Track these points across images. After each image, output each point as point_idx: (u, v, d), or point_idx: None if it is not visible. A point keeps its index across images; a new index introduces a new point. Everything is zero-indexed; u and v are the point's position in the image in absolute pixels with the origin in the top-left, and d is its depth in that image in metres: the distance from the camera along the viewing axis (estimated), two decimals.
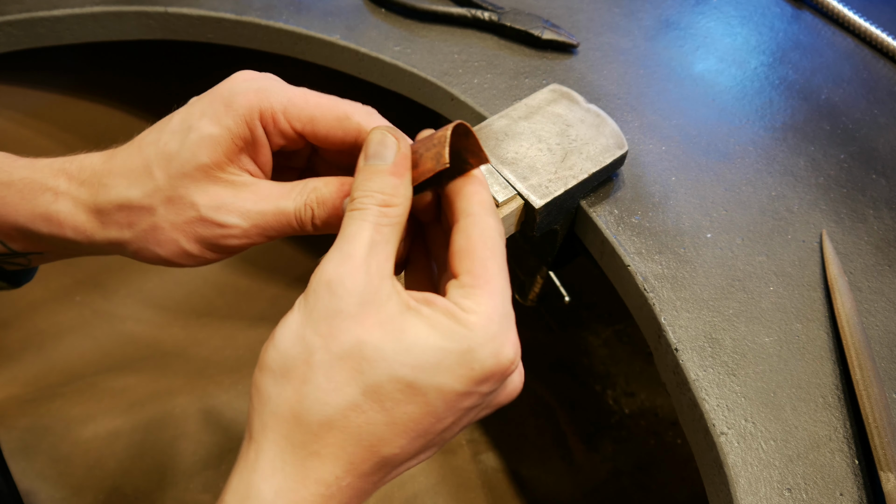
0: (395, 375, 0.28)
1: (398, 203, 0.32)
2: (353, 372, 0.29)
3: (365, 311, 0.29)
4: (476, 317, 0.30)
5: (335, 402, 0.28)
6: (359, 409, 0.28)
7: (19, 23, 0.63)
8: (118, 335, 0.83)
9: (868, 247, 0.53)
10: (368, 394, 0.28)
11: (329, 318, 0.29)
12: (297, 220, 0.35)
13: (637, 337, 0.93)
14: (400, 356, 0.29)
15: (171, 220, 0.34)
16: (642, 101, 0.60)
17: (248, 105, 0.34)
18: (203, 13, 0.63)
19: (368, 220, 0.31)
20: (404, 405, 0.29)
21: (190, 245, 0.35)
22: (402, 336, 0.29)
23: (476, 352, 0.29)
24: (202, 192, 0.34)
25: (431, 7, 0.63)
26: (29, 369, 0.80)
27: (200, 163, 0.34)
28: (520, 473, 0.81)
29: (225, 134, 0.34)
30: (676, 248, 0.51)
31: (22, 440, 0.76)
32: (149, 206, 0.34)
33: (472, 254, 0.32)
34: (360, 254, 0.30)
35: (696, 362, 0.45)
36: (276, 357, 0.30)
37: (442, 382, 0.29)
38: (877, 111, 0.63)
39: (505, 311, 0.31)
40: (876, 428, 0.42)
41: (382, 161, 0.32)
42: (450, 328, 0.29)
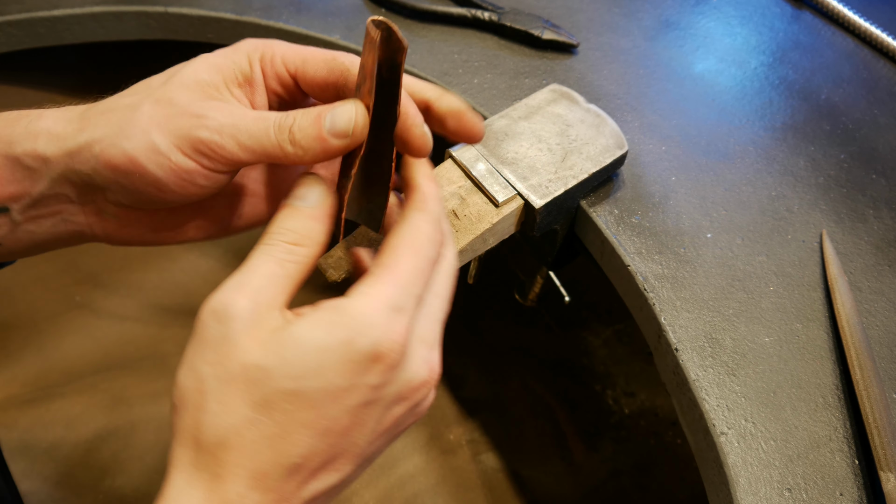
0: (280, 388, 0.29)
1: (307, 245, 0.33)
2: (241, 392, 0.29)
3: (249, 335, 0.30)
4: (360, 303, 0.30)
5: (228, 422, 0.29)
6: (250, 423, 0.29)
7: (19, 23, 0.63)
8: (118, 335, 0.83)
9: (868, 247, 0.53)
10: (258, 409, 0.29)
11: (215, 346, 0.30)
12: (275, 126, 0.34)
13: (637, 337, 0.93)
14: (283, 370, 0.29)
15: (151, 114, 0.33)
16: (642, 101, 0.60)
17: (252, 47, 0.36)
18: (203, 13, 0.63)
19: (273, 256, 0.32)
20: (295, 413, 0.29)
21: (160, 138, 0.33)
22: (283, 350, 0.29)
23: (353, 340, 0.29)
24: (191, 98, 0.34)
25: (431, 7, 0.63)
26: (29, 369, 0.80)
27: (199, 78, 0.35)
28: (520, 473, 0.81)
29: (228, 63, 0.36)
30: (676, 248, 0.51)
31: (22, 440, 0.76)
32: (134, 104, 0.34)
33: (392, 249, 0.33)
34: (252, 284, 0.31)
35: (696, 362, 0.45)
36: (175, 392, 0.31)
37: (325, 383, 0.29)
38: (877, 111, 0.63)
39: (398, 304, 0.31)
40: (876, 428, 0.42)
41: (303, 202, 0.33)
42: (329, 323, 0.30)
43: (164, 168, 0.33)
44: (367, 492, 0.78)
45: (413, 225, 0.33)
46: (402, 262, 0.32)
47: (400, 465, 0.80)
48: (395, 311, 0.31)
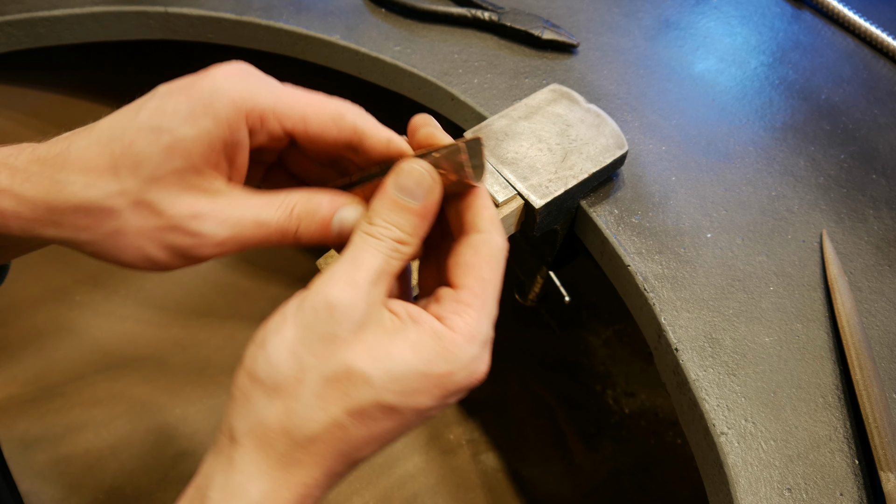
0: (379, 401, 0.30)
1: (413, 243, 0.33)
2: (341, 394, 0.30)
3: (357, 337, 0.30)
4: (462, 338, 0.32)
5: (321, 420, 0.30)
6: (342, 427, 0.30)
7: (19, 23, 0.63)
8: (118, 335, 0.83)
9: (868, 247, 0.53)
10: (353, 414, 0.30)
11: (325, 341, 0.30)
12: (279, 232, 0.34)
13: (637, 337, 0.93)
14: (385, 384, 0.30)
15: (138, 226, 0.32)
16: (642, 101, 0.60)
17: (233, 107, 0.32)
18: (203, 13, 0.63)
19: (382, 252, 0.32)
20: (383, 422, 0.31)
21: (157, 252, 0.33)
22: (390, 364, 0.30)
23: (454, 374, 0.31)
24: (175, 200, 0.32)
25: (431, 7, 0.63)
26: (29, 369, 0.80)
27: (173, 167, 0.31)
28: (520, 473, 0.81)
29: (203, 137, 0.32)
30: (676, 248, 0.51)
31: (22, 440, 0.76)
32: (111, 209, 0.32)
33: (477, 271, 0.33)
34: (366, 282, 0.31)
35: (696, 362, 0.45)
36: (267, 370, 0.31)
37: (419, 402, 0.31)
38: (877, 111, 0.63)
39: (488, 336, 0.33)
40: (876, 428, 0.42)
41: (413, 199, 0.33)
42: (434, 353, 0.31)
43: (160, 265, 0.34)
44: (367, 491, 0.78)
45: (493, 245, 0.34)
46: (489, 291, 0.33)
47: (400, 465, 0.80)
48: (486, 343, 0.33)
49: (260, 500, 0.30)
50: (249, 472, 0.30)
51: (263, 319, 0.32)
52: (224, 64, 0.34)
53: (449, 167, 0.33)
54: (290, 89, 0.34)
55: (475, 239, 0.34)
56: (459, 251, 0.34)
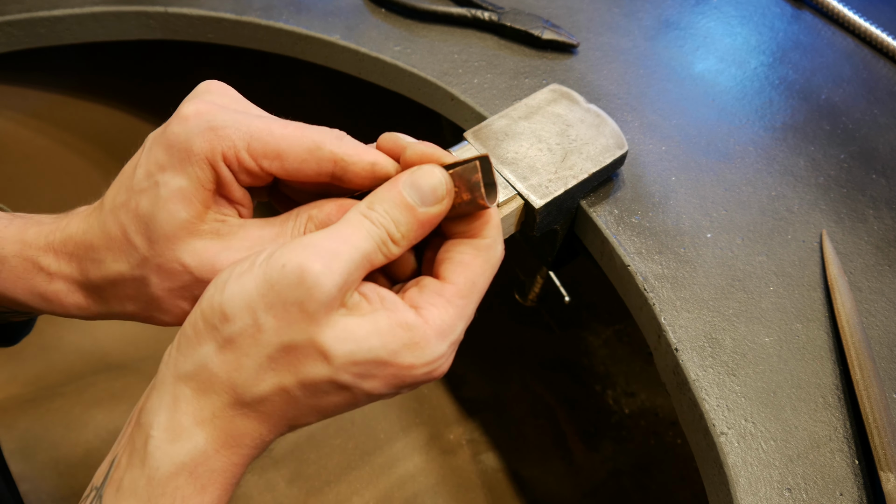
0: (334, 378, 0.30)
1: (403, 246, 0.32)
2: (296, 364, 0.29)
3: (325, 313, 0.29)
4: (432, 333, 0.31)
5: (270, 383, 0.30)
6: (291, 395, 0.30)
7: (19, 23, 0.63)
8: (118, 335, 0.83)
9: (868, 247, 0.53)
10: (304, 386, 0.30)
11: (289, 307, 0.29)
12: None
13: (637, 337, 0.93)
14: (345, 365, 0.30)
15: (168, 287, 0.33)
16: (642, 101, 0.60)
17: (208, 148, 0.32)
18: (203, 13, 0.63)
19: (373, 238, 0.31)
20: (332, 396, 0.31)
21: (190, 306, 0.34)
22: (353, 346, 0.29)
23: (415, 369, 0.31)
24: (191, 253, 0.32)
25: (431, 7, 0.63)
26: (29, 369, 0.80)
27: (180, 220, 0.32)
28: (520, 473, 0.81)
29: (195, 183, 0.32)
30: (676, 248, 0.51)
31: (22, 440, 0.76)
32: (141, 277, 0.33)
33: (469, 272, 0.33)
34: (347, 261, 0.29)
35: (696, 362, 0.45)
36: (220, 317, 0.29)
37: (372, 387, 0.31)
38: (877, 111, 0.63)
39: (459, 338, 0.33)
40: (876, 428, 0.42)
41: (421, 202, 0.32)
42: (401, 343, 0.30)
43: None
44: (367, 491, 0.78)
45: (493, 254, 0.34)
46: (474, 296, 0.33)
47: (400, 465, 0.80)
48: (455, 345, 0.32)
49: (203, 445, 0.29)
50: (194, 415, 0.29)
51: None
52: (194, 99, 0.33)
53: (462, 185, 0.32)
54: (265, 123, 0.33)
55: (477, 243, 0.34)
56: (457, 248, 0.33)
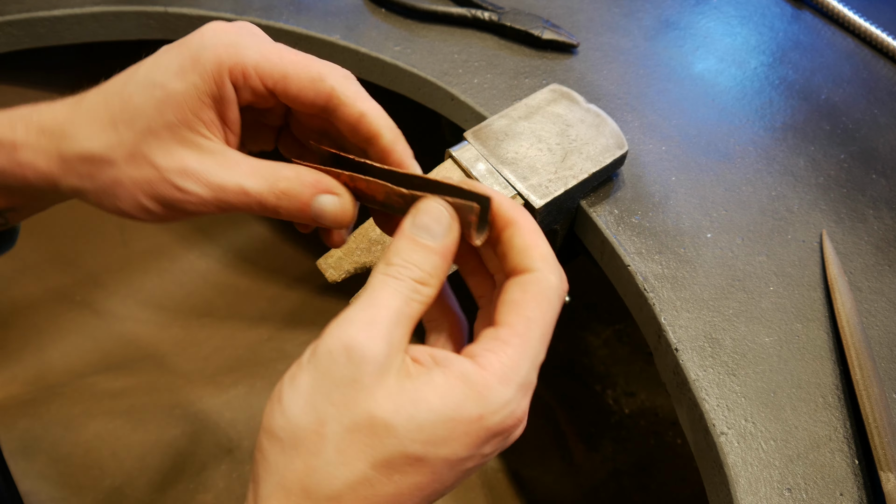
0: (405, 451, 0.28)
1: (434, 284, 0.31)
2: (364, 446, 0.28)
3: (378, 382, 0.28)
4: (494, 378, 0.29)
5: (344, 476, 0.28)
6: (368, 482, 0.28)
7: (19, 23, 0.63)
8: (118, 335, 0.83)
9: (868, 247, 0.53)
10: (378, 468, 0.28)
11: (344, 387, 0.28)
12: (258, 204, 0.34)
13: (637, 337, 0.93)
14: (410, 433, 0.28)
15: (132, 176, 0.33)
16: (642, 101, 0.60)
17: (216, 60, 0.33)
18: (203, 13, 0.63)
19: (401, 292, 0.30)
20: (412, 476, 0.29)
21: (148, 202, 0.34)
22: (413, 410, 0.28)
23: (485, 419, 0.29)
24: (166, 153, 0.33)
25: (431, 7, 0.63)
26: (29, 369, 0.80)
27: (166, 121, 0.33)
28: (520, 474, 0.81)
29: (191, 90, 0.33)
30: (676, 248, 0.51)
31: (22, 440, 0.76)
32: (110, 159, 0.33)
33: (522, 309, 0.31)
34: (385, 324, 0.29)
35: (696, 362, 0.45)
36: (283, 424, 0.29)
37: (449, 453, 0.29)
38: (877, 111, 0.63)
39: (527, 379, 0.30)
40: (876, 428, 0.42)
41: (431, 238, 0.31)
42: (462, 395, 0.29)
43: (156, 217, 0.35)
44: None
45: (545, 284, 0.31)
46: (535, 332, 0.31)
47: None
48: (524, 388, 0.30)
49: None
50: None
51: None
52: (217, 22, 0.35)
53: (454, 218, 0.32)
54: (279, 47, 0.34)
55: (525, 277, 0.32)
56: (507, 289, 0.32)
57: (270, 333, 0.83)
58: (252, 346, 0.84)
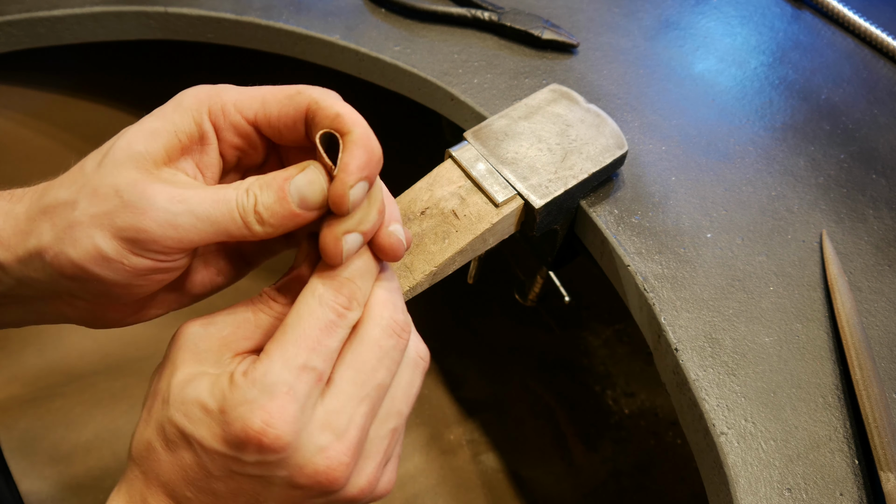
0: (171, 417, 0.31)
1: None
2: (151, 410, 0.32)
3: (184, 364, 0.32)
4: (244, 379, 0.30)
5: (140, 437, 0.32)
6: (152, 447, 0.31)
7: (19, 23, 0.63)
8: (118, 335, 0.83)
9: (868, 247, 0.53)
10: (158, 431, 0.31)
11: (164, 363, 0.33)
12: (239, 206, 0.31)
13: (637, 337, 0.93)
14: (176, 403, 0.31)
15: (91, 213, 0.30)
16: (642, 101, 0.60)
17: (196, 101, 0.32)
18: (203, 13, 0.63)
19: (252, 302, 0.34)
20: (182, 450, 0.31)
21: (105, 241, 0.29)
22: (185, 388, 0.31)
23: (227, 413, 0.29)
24: (126, 178, 0.30)
25: (431, 7, 0.63)
26: (29, 369, 0.80)
27: (134, 151, 0.30)
28: (519, 474, 0.81)
29: (168, 127, 0.32)
30: (676, 248, 0.51)
31: (22, 440, 0.76)
32: (72, 201, 0.30)
33: (283, 324, 0.31)
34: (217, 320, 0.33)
35: (696, 362, 0.45)
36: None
37: (203, 436, 0.30)
38: (877, 111, 0.63)
39: (280, 380, 0.29)
40: (876, 428, 0.42)
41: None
42: (220, 387, 0.30)
43: (117, 272, 0.30)
44: None
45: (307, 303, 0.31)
46: (291, 335, 0.30)
47: (400, 466, 0.80)
48: (273, 390, 0.29)
49: None
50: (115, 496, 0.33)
51: None
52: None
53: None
54: (256, 88, 0.34)
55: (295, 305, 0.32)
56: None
57: None
58: None
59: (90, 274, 0.30)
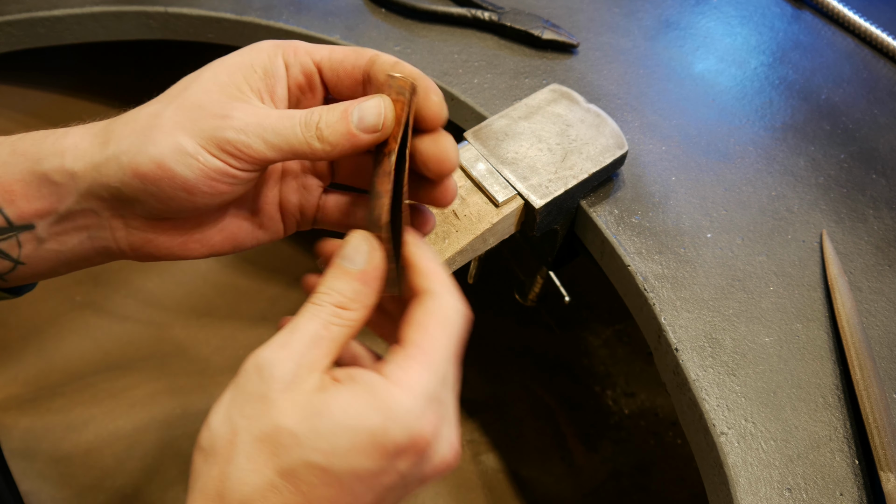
0: (308, 461, 0.29)
1: (357, 308, 0.33)
2: (270, 454, 0.29)
3: (286, 396, 0.30)
4: (399, 390, 0.30)
5: (254, 483, 0.29)
6: (275, 489, 0.29)
7: (19, 23, 0.63)
8: (118, 335, 0.83)
9: (868, 247, 0.53)
10: (284, 475, 0.29)
11: (255, 401, 0.30)
12: (302, 122, 0.34)
13: (637, 337, 0.93)
14: (313, 442, 0.29)
15: (175, 119, 0.33)
16: (642, 101, 0.60)
17: (272, 44, 0.36)
18: (203, 13, 0.63)
19: (319, 317, 0.32)
20: (320, 488, 0.29)
21: (186, 140, 0.33)
22: (318, 421, 0.29)
23: (388, 429, 0.29)
24: (213, 99, 0.34)
25: (431, 7, 0.63)
26: (29, 369, 0.80)
27: (219, 80, 0.34)
28: (520, 474, 0.81)
29: (246, 61, 0.35)
30: (676, 248, 0.51)
31: (22, 440, 0.76)
32: (157, 112, 0.34)
33: (426, 328, 0.32)
34: (297, 346, 0.31)
35: (696, 362, 0.45)
36: (206, 436, 0.31)
37: (355, 465, 0.29)
38: (877, 111, 0.63)
39: (435, 393, 0.31)
40: (876, 428, 0.42)
41: (352, 264, 0.33)
42: (367, 406, 0.30)
43: (192, 169, 0.33)
44: None
45: (446, 306, 0.33)
46: (439, 349, 0.32)
47: None
48: (429, 400, 0.31)
49: None
50: None
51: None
52: None
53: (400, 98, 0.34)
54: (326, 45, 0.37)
55: (425, 300, 0.33)
56: (412, 311, 0.33)
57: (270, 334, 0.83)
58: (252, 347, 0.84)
59: (166, 170, 0.33)
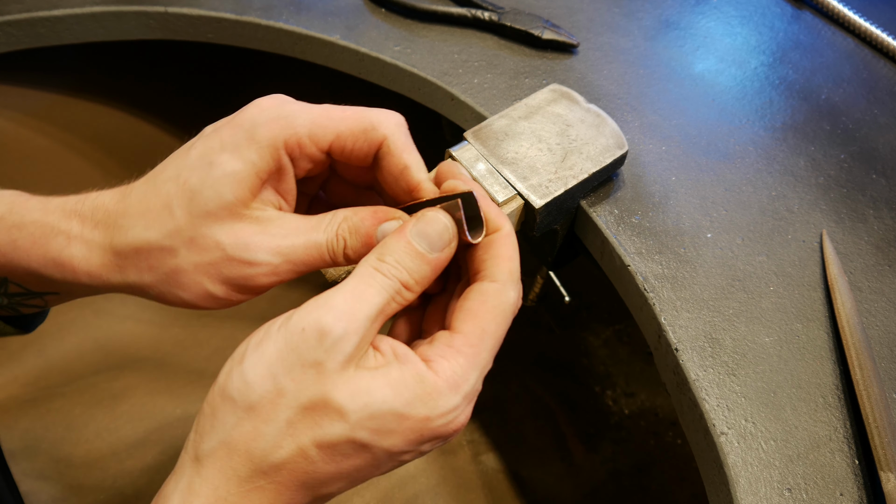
0: (353, 437, 0.29)
1: (417, 291, 0.32)
2: (314, 425, 0.29)
3: (342, 370, 0.29)
4: (444, 385, 0.31)
5: (289, 448, 0.29)
6: (309, 459, 0.29)
7: (19, 23, 0.63)
8: (118, 335, 0.83)
9: (868, 247, 0.53)
10: (322, 448, 0.29)
11: (308, 367, 0.29)
12: (329, 251, 0.34)
13: (637, 337, 0.93)
14: (361, 420, 0.29)
15: (195, 262, 0.33)
16: (642, 101, 0.60)
17: (272, 136, 0.33)
18: (203, 13, 0.63)
19: (387, 290, 0.31)
20: (353, 459, 0.30)
21: (215, 287, 0.33)
22: (369, 399, 0.29)
23: (432, 421, 0.30)
24: (227, 231, 0.33)
25: (431, 7, 0.63)
26: (29, 369, 0.80)
27: (224, 201, 0.32)
28: (520, 474, 0.81)
29: (249, 169, 0.33)
30: (676, 248, 0.51)
31: (22, 440, 0.76)
32: (170, 248, 0.33)
33: (478, 320, 0.32)
34: (363, 318, 0.30)
35: (696, 362, 0.45)
36: (242, 388, 0.30)
37: (392, 444, 0.30)
38: (877, 111, 0.63)
39: (474, 388, 0.32)
40: (876, 428, 0.42)
41: (430, 249, 0.32)
42: (414, 395, 0.30)
43: (223, 301, 0.35)
44: (367, 492, 0.78)
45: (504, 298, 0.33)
46: (487, 343, 0.32)
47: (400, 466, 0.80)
48: (470, 397, 0.32)
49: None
50: (207, 496, 0.29)
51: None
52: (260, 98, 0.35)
53: None
54: (325, 109, 0.34)
55: (487, 287, 0.33)
56: (467, 296, 0.33)
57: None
58: None
59: (196, 308, 0.34)
